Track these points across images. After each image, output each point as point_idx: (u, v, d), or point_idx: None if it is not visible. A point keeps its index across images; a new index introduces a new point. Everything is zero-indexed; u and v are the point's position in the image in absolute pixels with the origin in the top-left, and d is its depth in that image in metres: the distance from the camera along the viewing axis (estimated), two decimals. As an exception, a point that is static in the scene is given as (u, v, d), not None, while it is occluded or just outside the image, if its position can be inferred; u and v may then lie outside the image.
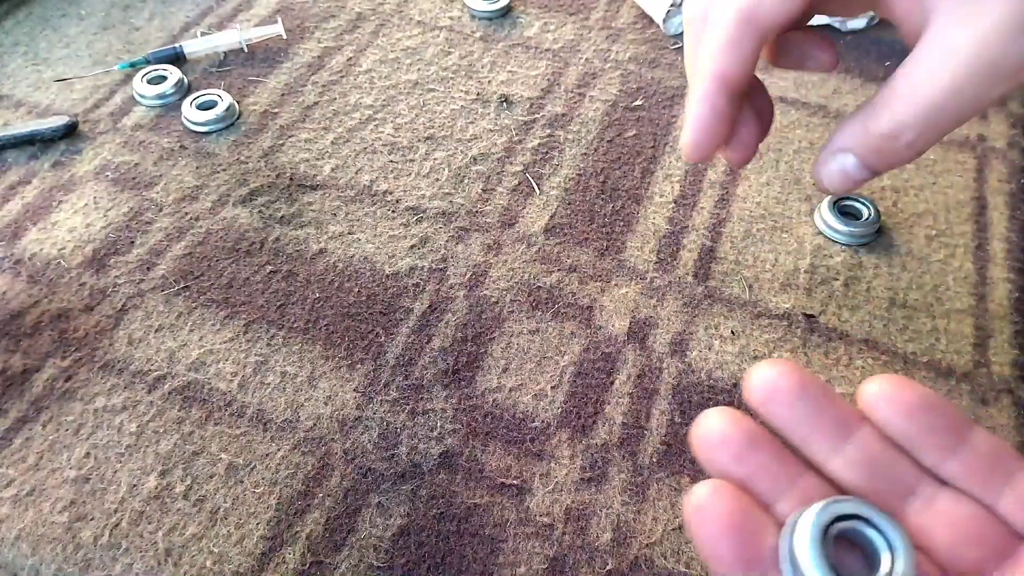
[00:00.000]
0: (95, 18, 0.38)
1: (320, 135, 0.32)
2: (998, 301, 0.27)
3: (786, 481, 0.14)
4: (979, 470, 0.14)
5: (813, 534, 0.12)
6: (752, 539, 0.13)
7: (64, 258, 0.28)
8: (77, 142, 0.32)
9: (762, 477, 0.14)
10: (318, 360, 0.25)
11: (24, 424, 0.23)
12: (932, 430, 0.14)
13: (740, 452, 0.14)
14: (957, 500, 0.14)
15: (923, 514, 0.13)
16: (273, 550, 0.21)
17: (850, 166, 0.17)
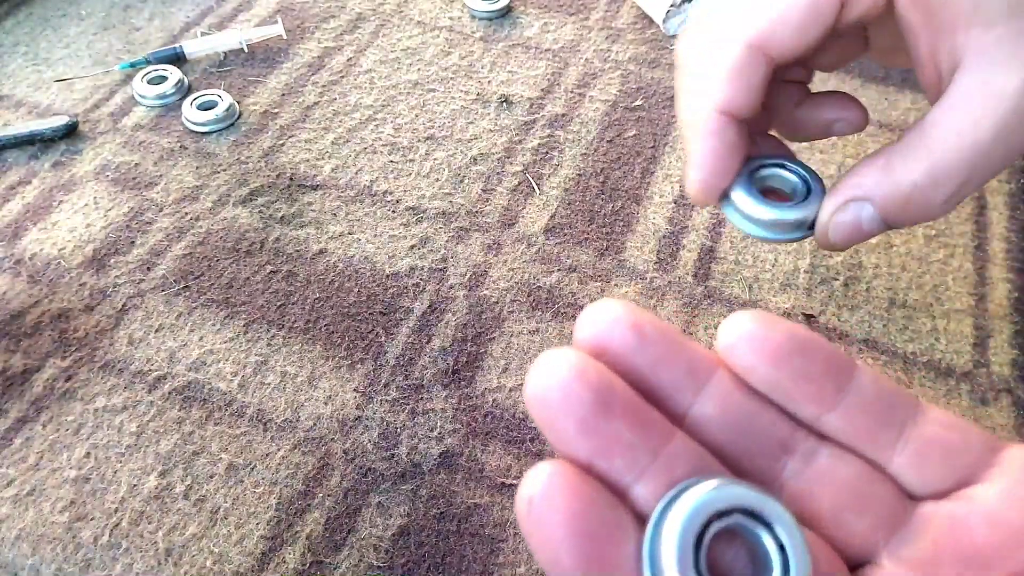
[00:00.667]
0: (95, 18, 0.38)
1: (320, 135, 0.32)
2: (998, 301, 0.27)
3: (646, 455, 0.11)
4: (865, 422, 0.11)
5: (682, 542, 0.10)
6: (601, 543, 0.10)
7: (64, 258, 0.28)
8: (77, 142, 0.32)
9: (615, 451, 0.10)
10: (318, 360, 0.25)
11: (24, 424, 0.23)
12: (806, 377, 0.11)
13: (586, 419, 0.10)
14: (841, 458, 0.11)
15: (802, 477, 0.11)
16: (273, 550, 0.21)
17: (866, 218, 0.15)
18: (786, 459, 0.12)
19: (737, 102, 0.16)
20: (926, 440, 0.12)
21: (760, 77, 0.16)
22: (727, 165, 0.16)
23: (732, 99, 0.16)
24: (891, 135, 0.32)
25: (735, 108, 0.16)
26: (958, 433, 0.12)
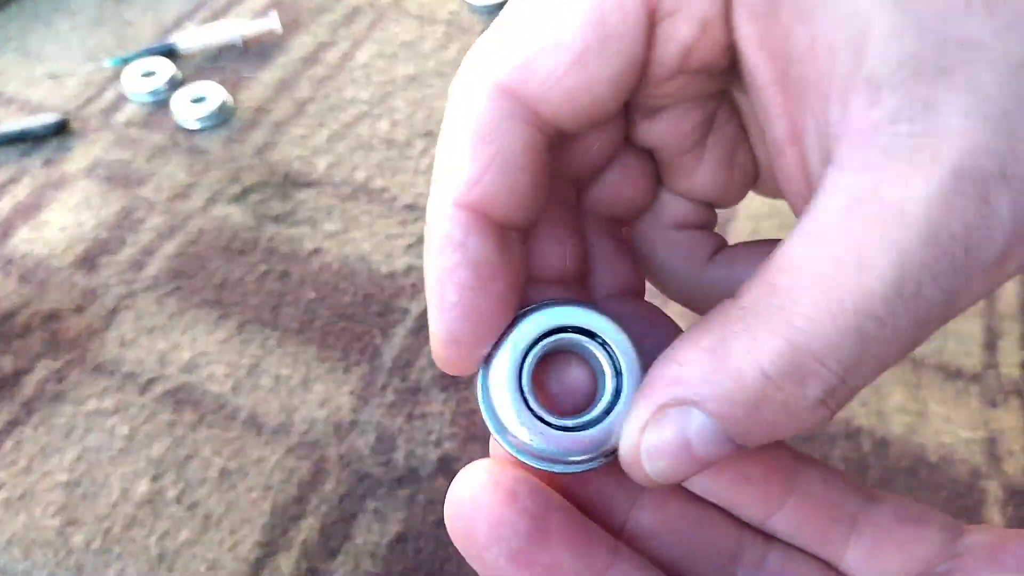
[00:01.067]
0: (87, 13, 0.37)
1: (315, 131, 0.31)
2: (1007, 302, 0.26)
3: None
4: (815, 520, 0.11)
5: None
6: None
7: (55, 257, 0.27)
8: (68, 139, 0.31)
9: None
10: (313, 362, 0.24)
11: (15, 427, 0.23)
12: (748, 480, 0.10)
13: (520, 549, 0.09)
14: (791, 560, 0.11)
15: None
16: (267, 556, 0.20)
17: (698, 434, 0.09)
18: (735, 568, 0.11)
19: (493, 188, 0.09)
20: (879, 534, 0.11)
21: (520, 141, 0.09)
22: (483, 319, 0.09)
23: (483, 183, 0.09)
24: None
25: (490, 200, 0.09)
26: (913, 523, 0.11)
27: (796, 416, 0.09)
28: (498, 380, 0.10)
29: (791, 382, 0.08)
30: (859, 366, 0.08)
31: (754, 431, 0.09)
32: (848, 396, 0.09)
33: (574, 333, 0.10)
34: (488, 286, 0.09)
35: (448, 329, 0.09)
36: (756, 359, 0.08)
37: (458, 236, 0.09)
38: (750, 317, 0.09)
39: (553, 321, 0.10)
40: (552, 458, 0.10)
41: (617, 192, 0.12)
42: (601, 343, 0.10)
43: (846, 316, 0.08)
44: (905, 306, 0.08)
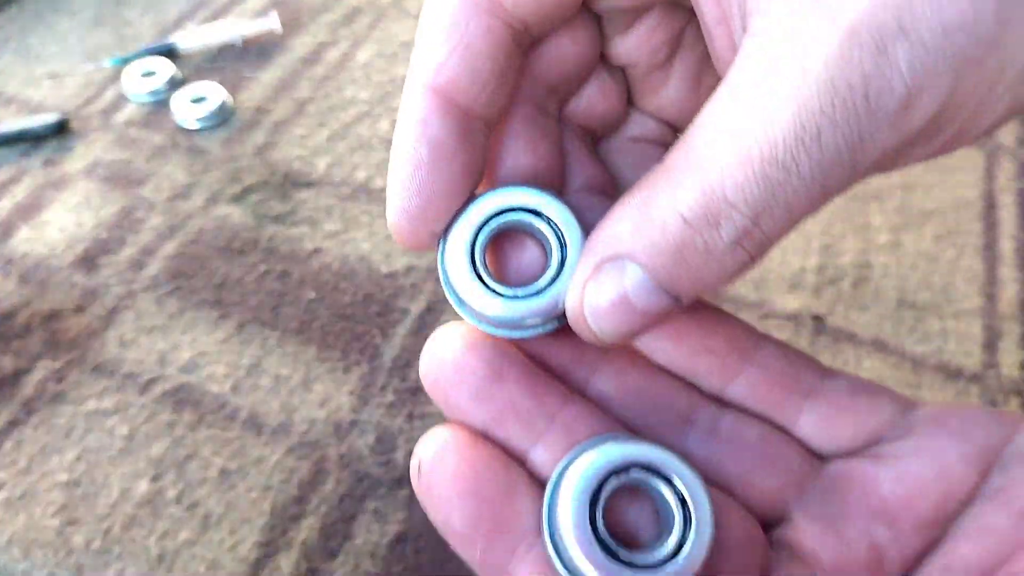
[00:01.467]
0: (87, 13, 0.37)
1: (315, 131, 0.31)
2: (1008, 301, 0.26)
3: (542, 420, 0.11)
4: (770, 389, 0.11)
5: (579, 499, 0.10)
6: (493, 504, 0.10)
7: (55, 257, 0.27)
8: (68, 139, 0.31)
9: (510, 417, 0.10)
10: (313, 362, 0.24)
11: (15, 427, 0.23)
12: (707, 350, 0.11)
13: (479, 389, 0.10)
14: (744, 423, 0.11)
15: (705, 445, 0.11)
16: (267, 556, 0.20)
17: (635, 287, 0.10)
18: (688, 429, 0.11)
19: (455, 73, 0.10)
20: (833, 402, 0.12)
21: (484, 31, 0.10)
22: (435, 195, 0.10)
23: (447, 67, 0.10)
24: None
25: (454, 84, 0.10)
26: (866, 395, 0.12)
27: (717, 259, 0.09)
28: (454, 255, 0.11)
29: (707, 225, 0.09)
30: (769, 210, 0.09)
31: (683, 279, 0.10)
32: (764, 242, 0.09)
33: (524, 213, 0.11)
34: (442, 165, 0.10)
35: (401, 200, 0.10)
36: (676, 208, 0.09)
37: (421, 115, 0.10)
38: (671, 172, 0.09)
39: (504, 202, 0.11)
40: (506, 324, 0.11)
41: (593, 106, 0.12)
42: (548, 220, 0.11)
43: (753, 163, 0.09)
44: (807, 152, 0.09)
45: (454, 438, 0.10)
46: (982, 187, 0.30)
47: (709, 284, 0.10)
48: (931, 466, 0.11)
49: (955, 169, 0.30)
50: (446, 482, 0.10)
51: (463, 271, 0.11)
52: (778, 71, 0.09)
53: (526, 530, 0.10)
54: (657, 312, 0.10)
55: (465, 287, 0.11)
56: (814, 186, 0.09)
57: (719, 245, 0.09)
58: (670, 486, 0.10)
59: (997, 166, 0.31)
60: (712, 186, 0.09)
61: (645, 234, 0.09)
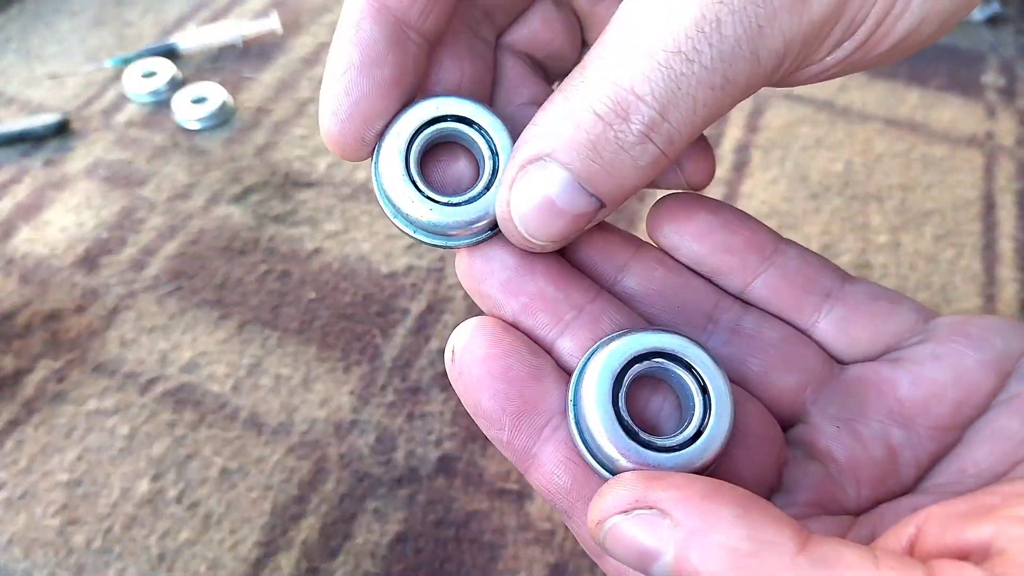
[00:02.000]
0: (88, 14, 0.37)
1: (315, 131, 0.31)
2: (1006, 301, 0.26)
3: (570, 311, 0.11)
4: (790, 290, 0.12)
5: (602, 382, 0.10)
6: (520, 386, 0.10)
7: (56, 257, 0.27)
8: (69, 139, 0.31)
9: (538, 307, 0.11)
10: (313, 362, 0.24)
11: (16, 426, 0.23)
12: (729, 249, 0.12)
13: (510, 279, 0.11)
14: (765, 324, 0.12)
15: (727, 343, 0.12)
16: (267, 556, 0.20)
17: (555, 184, 0.10)
18: (712, 328, 0.12)
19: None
20: (851, 307, 0.12)
21: None
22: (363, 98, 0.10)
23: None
24: (898, 132, 0.32)
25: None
26: (886, 302, 0.12)
27: (628, 151, 0.09)
28: (387, 164, 0.11)
29: (617, 118, 0.09)
30: (675, 101, 0.09)
31: (601, 176, 0.10)
32: (673, 134, 0.09)
33: (457, 122, 0.11)
34: (372, 69, 0.10)
35: (330, 103, 0.10)
36: (588, 103, 0.09)
37: (355, 18, 0.10)
38: (587, 70, 0.10)
39: (436, 110, 0.11)
40: (442, 232, 0.11)
41: (537, 36, 0.13)
42: (480, 130, 0.11)
43: (657, 56, 0.09)
44: (708, 41, 0.09)
45: (486, 325, 0.11)
46: (981, 187, 0.30)
47: (626, 182, 0.10)
48: (949, 371, 0.11)
49: (954, 170, 0.30)
50: (477, 365, 0.10)
51: (397, 178, 0.11)
52: None
53: (552, 412, 0.10)
54: (582, 213, 0.10)
55: (399, 194, 0.11)
56: (716, 76, 0.09)
57: (629, 138, 0.09)
58: (691, 373, 0.10)
59: (996, 167, 0.31)
60: (620, 80, 0.09)
61: (562, 132, 0.10)
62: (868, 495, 0.11)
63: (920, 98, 0.33)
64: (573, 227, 0.10)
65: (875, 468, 0.11)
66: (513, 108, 0.12)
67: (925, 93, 0.33)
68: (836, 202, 0.29)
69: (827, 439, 0.11)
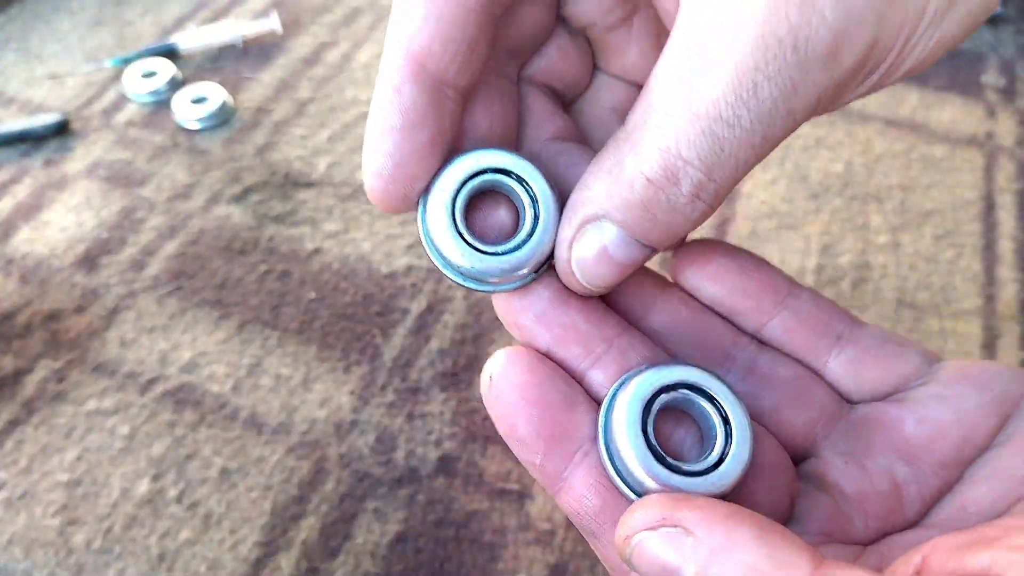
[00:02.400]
0: (88, 13, 0.37)
1: (315, 131, 0.31)
2: (1006, 302, 0.26)
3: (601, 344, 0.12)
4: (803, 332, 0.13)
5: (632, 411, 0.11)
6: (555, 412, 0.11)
7: (56, 257, 0.27)
8: (69, 139, 0.31)
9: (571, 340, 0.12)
10: (313, 362, 0.24)
11: (15, 426, 0.23)
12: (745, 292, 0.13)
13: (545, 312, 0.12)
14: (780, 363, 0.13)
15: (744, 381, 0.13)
16: (267, 556, 0.20)
17: (613, 243, 0.11)
18: (729, 366, 0.13)
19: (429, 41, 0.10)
20: (861, 350, 0.13)
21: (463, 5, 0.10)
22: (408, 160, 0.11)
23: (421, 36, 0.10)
24: (898, 132, 0.32)
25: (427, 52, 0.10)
26: (894, 345, 0.13)
27: (680, 211, 0.10)
28: (434, 218, 0.12)
29: (668, 182, 0.10)
30: (719, 163, 0.10)
31: (653, 231, 0.11)
32: (719, 190, 0.10)
33: (497, 174, 0.12)
34: (414, 132, 0.11)
35: (374, 163, 0.11)
36: (640, 169, 0.10)
37: (395, 82, 0.11)
38: (634, 135, 0.11)
39: (477, 164, 0.11)
40: (487, 279, 0.12)
41: (554, 66, 0.13)
42: (518, 179, 0.12)
43: (700, 122, 0.10)
44: (747, 106, 0.10)
45: (521, 354, 0.11)
46: (981, 188, 0.30)
47: (677, 233, 0.11)
48: (952, 412, 0.12)
49: (954, 170, 0.30)
50: (513, 391, 0.11)
51: (445, 231, 0.11)
52: (714, 32, 0.10)
53: (583, 439, 0.11)
54: (634, 261, 0.11)
55: (447, 246, 0.11)
56: (755, 136, 0.10)
57: (680, 199, 0.10)
58: (714, 404, 0.11)
59: (996, 167, 0.31)
60: (668, 146, 0.10)
61: (617, 196, 0.11)
62: (875, 527, 0.12)
63: (920, 98, 0.33)
64: (628, 273, 0.11)
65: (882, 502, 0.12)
66: (539, 145, 0.13)
67: (925, 93, 0.33)
68: (836, 202, 0.29)
69: (836, 473, 0.12)
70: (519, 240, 0.12)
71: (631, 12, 0.13)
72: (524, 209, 0.12)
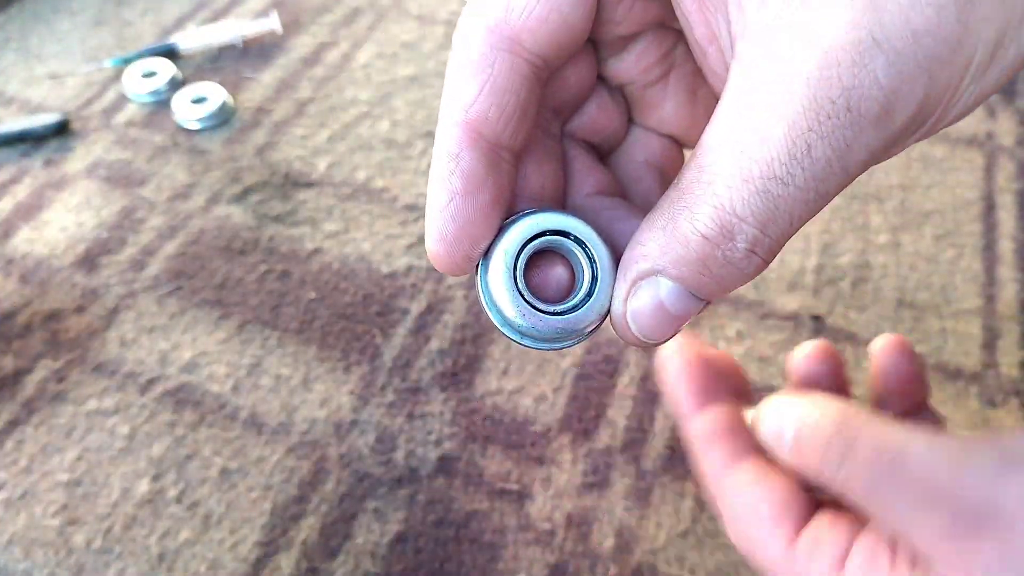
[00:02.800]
0: (88, 13, 0.37)
1: (315, 131, 0.31)
2: (1006, 302, 0.26)
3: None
4: None
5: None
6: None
7: (55, 257, 0.27)
8: (69, 139, 0.31)
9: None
10: (313, 362, 0.24)
11: (15, 426, 0.23)
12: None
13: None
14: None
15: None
16: (267, 556, 0.20)
17: (669, 296, 0.11)
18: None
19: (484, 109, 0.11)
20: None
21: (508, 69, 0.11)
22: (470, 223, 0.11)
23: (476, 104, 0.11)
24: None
25: (482, 119, 0.11)
26: None
27: (735, 266, 0.11)
28: (495, 278, 0.12)
29: (724, 239, 0.11)
30: (773, 219, 0.10)
31: (708, 284, 0.11)
32: (773, 246, 0.11)
33: (554, 235, 0.12)
34: (475, 194, 0.11)
35: (437, 228, 0.11)
36: (696, 227, 0.11)
37: (454, 150, 0.11)
38: (687, 195, 0.11)
39: (537, 226, 0.12)
40: (546, 339, 0.12)
41: (595, 122, 0.14)
42: (576, 239, 0.12)
43: (755, 181, 0.10)
44: (801, 165, 0.10)
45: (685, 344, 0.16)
46: (981, 188, 0.30)
47: (731, 287, 0.11)
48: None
49: (954, 170, 0.30)
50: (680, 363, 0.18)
51: (506, 292, 0.12)
52: (767, 93, 0.10)
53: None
54: (689, 313, 0.12)
55: (508, 306, 0.12)
56: (809, 193, 0.10)
57: (736, 255, 0.11)
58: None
59: (996, 167, 0.31)
60: (723, 204, 0.10)
61: (672, 252, 0.11)
62: None
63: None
64: (681, 325, 0.12)
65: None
66: (582, 199, 0.14)
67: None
68: (836, 202, 0.29)
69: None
70: (578, 300, 0.12)
71: (668, 70, 0.13)
72: (582, 269, 0.12)
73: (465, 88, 0.11)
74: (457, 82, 0.11)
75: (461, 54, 0.11)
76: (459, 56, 0.11)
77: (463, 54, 0.11)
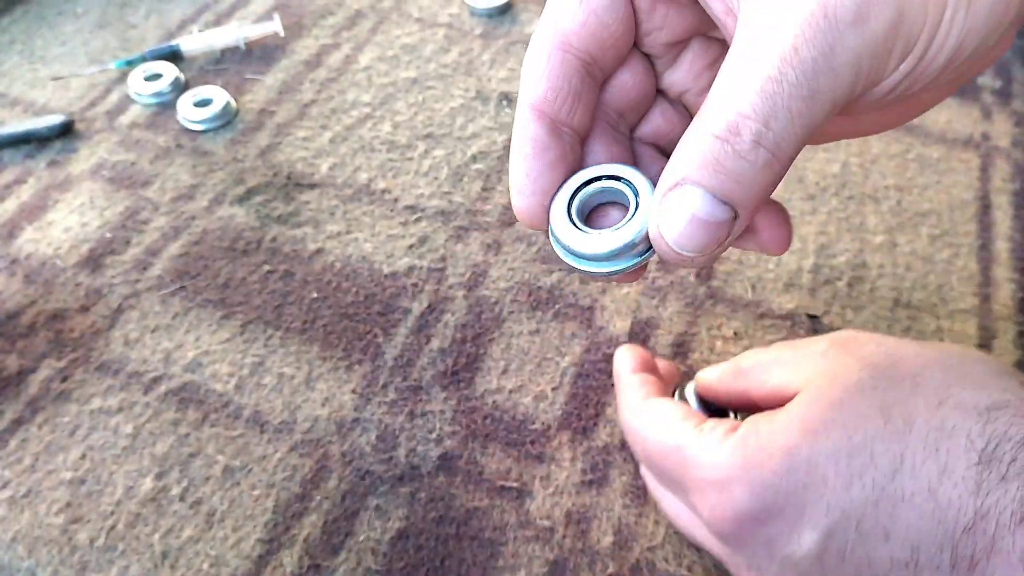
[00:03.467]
0: (91, 16, 0.37)
1: (318, 133, 0.32)
2: (1002, 302, 0.27)
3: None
4: None
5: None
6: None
7: (60, 258, 0.27)
8: (73, 141, 0.31)
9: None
10: (315, 361, 0.25)
11: (20, 425, 0.23)
12: None
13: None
14: None
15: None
16: (270, 553, 0.20)
17: (699, 205, 0.12)
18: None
19: (543, 92, 0.14)
20: None
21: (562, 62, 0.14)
22: (539, 176, 0.14)
23: (536, 90, 0.14)
24: (895, 133, 0.32)
25: (543, 100, 0.14)
26: None
27: (745, 159, 0.12)
28: (556, 212, 0.14)
29: (732, 135, 0.12)
30: (774, 113, 0.12)
31: (725, 183, 0.12)
32: (778, 140, 0.12)
33: (608, 180, 0.14)
34: (541, 154, 0.14)
35: (515, 183, 0.15)
36: (709, 129, 0.12)
37: (524, 122, 0.14)
38: (702, 110, 0.13)
39: (592, 172, 0.15)
40: (599, 258, 0.14)
41: (660, 130, 0.16)
42: (626, 182, 0.14)
43: (754, 83, 0.12)
44: (790, 64, 0.12)
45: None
46: (977, 188, 0.30)
47: (751, 189, 0.12)
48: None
49: (950, 171, 0.31)
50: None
51: (563, 222, 0.14)
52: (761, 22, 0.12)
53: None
54: (721, 221, 0.13)
55: (564, 233, 0.14)
56: (803, 89, 0.12)
57: (744, 147, 0.12)
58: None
59: (992, 168, 0.31)
60: (728, 106, 0.12)
61: (690, 158, 0.12)
62: None
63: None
64: (715, 237, 0.13)
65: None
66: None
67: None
68: (833, 203, 0.29)
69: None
70: (625, 221, 0.14)
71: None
72: (630, 202, 0.14)
73: (531, 76, 0.14)
74: (526, 72, 0.15)
75: (530, 48, 0.15)
76: (528, 54, 0.15)
77: (530, 53, 0.15)
